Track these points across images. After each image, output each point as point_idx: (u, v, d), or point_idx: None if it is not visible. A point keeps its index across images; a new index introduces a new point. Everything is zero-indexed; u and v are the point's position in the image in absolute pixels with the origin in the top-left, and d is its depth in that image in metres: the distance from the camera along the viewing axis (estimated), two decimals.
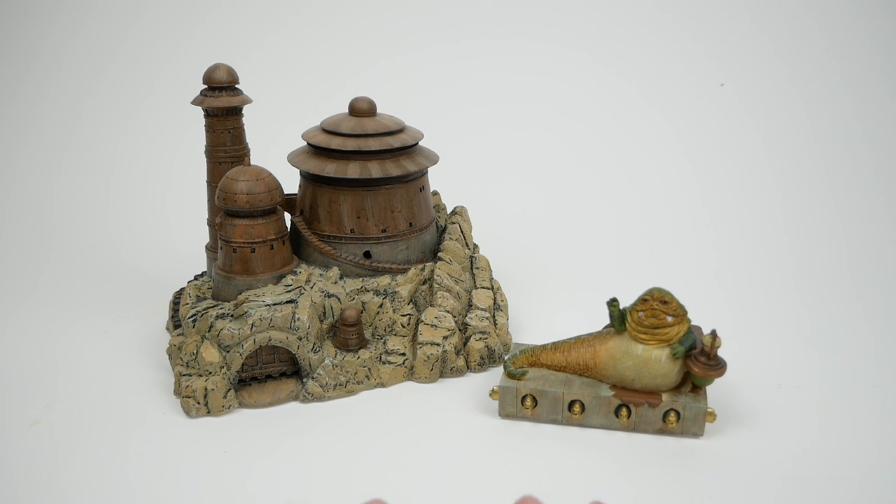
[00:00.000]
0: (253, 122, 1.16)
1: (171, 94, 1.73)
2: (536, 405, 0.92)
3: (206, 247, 1.18)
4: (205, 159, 1.13)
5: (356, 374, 1.00)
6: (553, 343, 0.95)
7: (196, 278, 1.15)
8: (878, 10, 1.68)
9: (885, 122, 1.63)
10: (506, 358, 0.95)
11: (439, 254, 1.12)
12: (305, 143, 1.12)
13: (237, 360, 0.96)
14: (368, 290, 1.07)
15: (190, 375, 0.95)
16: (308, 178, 1.11)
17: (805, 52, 1.71)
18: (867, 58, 1.68)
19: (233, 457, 0.86)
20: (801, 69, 1.70)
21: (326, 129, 1.09)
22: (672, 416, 0.89)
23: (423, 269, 1.10)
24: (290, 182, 1.15)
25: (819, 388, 1.00)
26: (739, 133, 1.66)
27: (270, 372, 0.99)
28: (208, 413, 0.94)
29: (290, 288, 1.01)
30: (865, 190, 1.53)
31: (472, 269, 1.15)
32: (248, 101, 1.09)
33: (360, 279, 1.07)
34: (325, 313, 1.02)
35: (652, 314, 0.88)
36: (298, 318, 0.97)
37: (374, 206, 1.08)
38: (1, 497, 0.79)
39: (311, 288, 1.02)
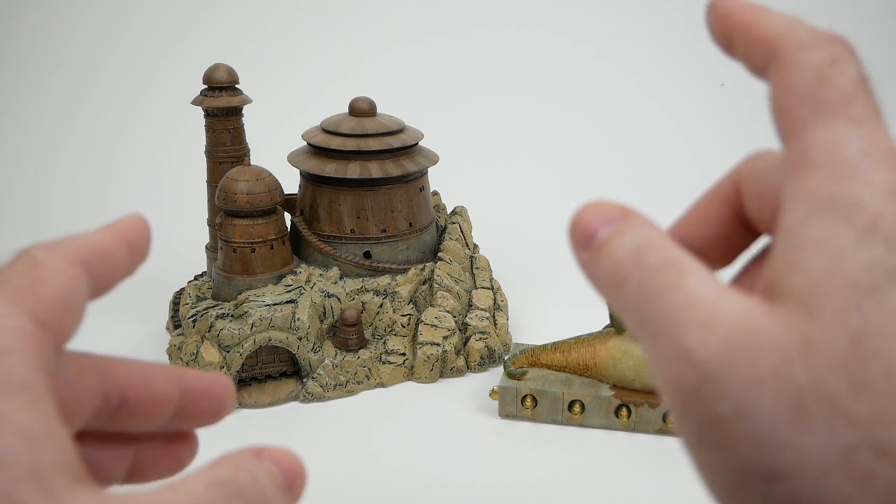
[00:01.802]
0: (253, 122, 1.16)
1: (171, 94, 1.73)
2: (536, 405, 0.92)
3: (206, 247, 1.18)
4: (205, 159, 1.13)
5: (356, 374, 1.00)
6: (553, 343, 0.95)
7: (196, 278, 1.15)
8: (878, 9, 1.68)
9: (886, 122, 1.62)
10: (506, 358, 0.95)
11: (439, 254, 1.12)
12: (305, 143, 1.12)
13: (237, 360, 0.96)
14: (368, 290, 1.07)
15: None
16: (308, 178, 1.11)
17: None
18: (867, 57, 1.67)
19: None
20: None
21: (326, 129, 1.09)
22: (670, 414, 0.89)
23: (423, 269, 1.10)
24: (290, 182, 1.15)
25: None
26: (739, 133, 1.66)
27: (270, 372, 0.99)
28: None
29: (290, 288, 1.01)
30: None
31: (472, 269, 1.15)
32: (248, 101, 1.09)
33: (360, 279, 1.07)
34: (325, 313, 1.02)
35: None
36: (298, 318, 0.97)
37: (374, 206, 1.08)
38: None
39: (311, 288, 1.02)
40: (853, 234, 0.21)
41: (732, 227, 0.29)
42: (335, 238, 1.09)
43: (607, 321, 1.00)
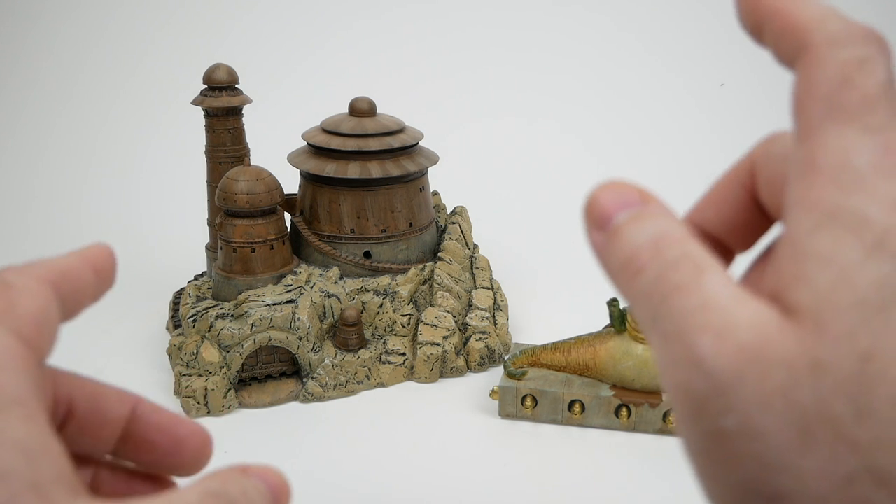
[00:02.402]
0: (253, 122, 1.16)
1: (172, 94, 1.73)
2: (536, 405, 0.92)
3: (206, 247, 1.18)
4: (205, 159, 1.13)
5: (356, 374, 1.00)
6: (553, 343, 0.95)
7: (196, 278, 1.15)
8: (879, 9, 1.68)
9: None
10: (506, 358, 0.95)
11: (439, 254, 1.12)
12: (305, 143, 1.12)
13: (237, 360, 0.96)
14: (368, 290, 1.07)
15: (190, 375, 0.95)
16: (308, 178, 1.11)
17: None
18: None
19: (233, 457, 0.86)
20: None
21: (326, 129, 1.09)
22: (672, 416, 0.89)
23: (423, 269, 1.10)
24: (290, 182, 1.15)
25: None
26: (739, 133, 1.66)
27: (270, 372, 0.99)
28: (208, 413, 0.94)
29: (290, 288, 1.01)
30: None
31: (472, 269, 1.15)
32: (248, 101, 1.09)
33: (360, 279, 1.07)
34: (325, 313, 1.02)
35: None
36: (298, 318, 0.97)
37: (374, 206, 1.08)
38: None
39: (311, 288, 1.02)
40: (861, 249, 0.21)
41: (750, 211, 0.28)
42: (335, 238, 1.09)
43: (607, 321, 1.00)
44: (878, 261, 0.21)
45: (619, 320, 0.90)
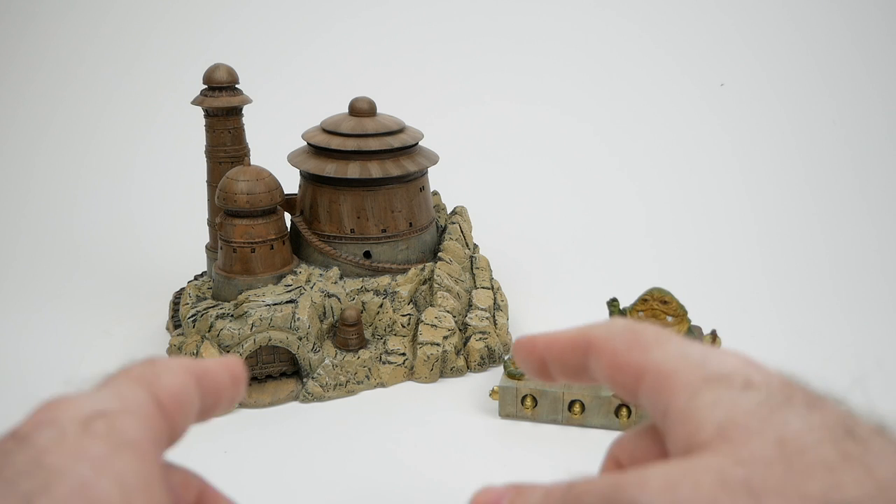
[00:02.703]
0: (253, 122, 1.16)
1: (172, 94, 1.73)
2: (536, 405, 0.92)
3: (206, 247, 1.18)
4: (205, 159, 1.13)
5: (356, 374, 1.00)
6: None
7: (196, 278, 1.15)
8: (879, 8, 1.68)
9: (885, 122, 1.63)
10: (506, 358, 0.95)
11: (439, 254, 1.12)
12: (305, 143, 1.12)
13: None
14: (368, 290, 1.07)
15: None
16: (308, 178, 1.11)
17: (805, 51, 1.71)
18: (867, 56, 1.67)
19: (233, 457, 0.86)
20: (801, 69, 1.70)
21: (326, 129, 1.09)
22: None
23: (423, 269, 1.10)
24: (290, 182, 1.15)
25: (820, 389, 1.00)
26: (739, 133, 1.66)
27: (270, 372, 0.99)
28: None
29: (290, 288, 1.01)
30: (865, 190, 1.53)
31: (472, 269, 1.15)
32: (248, 101, 1.09)
33: (360, 279, 1.07)
34: (325, 313, 1.02)
35: (652, 314, 0.88)
36: (298, 318, 0.97)
37: (374, 206, 1.08)
38: None
39: (311, 288, 1.02)
40: (734, 390, 0.25)
41: None
42: (335, 238, 1.09)
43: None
44: (752, 394, 0.25)
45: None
